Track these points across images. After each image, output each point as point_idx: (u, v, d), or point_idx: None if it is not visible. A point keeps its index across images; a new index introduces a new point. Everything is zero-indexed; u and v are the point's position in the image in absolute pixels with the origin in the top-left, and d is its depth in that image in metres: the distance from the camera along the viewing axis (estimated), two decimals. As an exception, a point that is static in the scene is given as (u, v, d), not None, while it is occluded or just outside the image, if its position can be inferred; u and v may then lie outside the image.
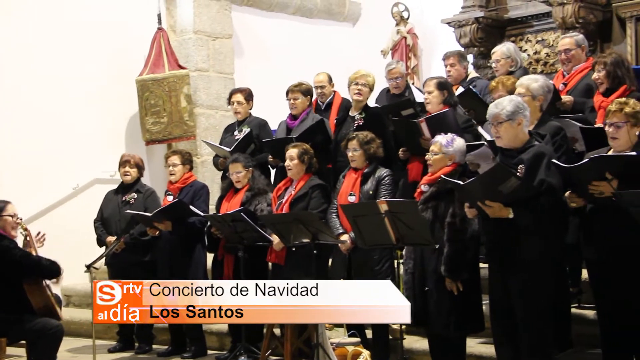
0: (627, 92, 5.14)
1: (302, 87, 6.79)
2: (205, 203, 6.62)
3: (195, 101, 8.92)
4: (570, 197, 4.50)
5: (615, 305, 4.47)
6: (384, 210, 4.90)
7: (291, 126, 6.77)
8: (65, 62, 8.25)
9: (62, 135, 8.17)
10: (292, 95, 6.80)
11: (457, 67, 7.10)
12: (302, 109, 6.78)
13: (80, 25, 8.36)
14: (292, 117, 6.84)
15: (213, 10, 9.22)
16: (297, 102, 6.77)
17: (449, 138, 5.18)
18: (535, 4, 8.42)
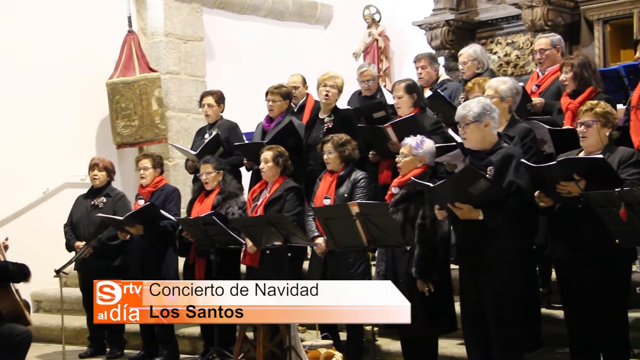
0: (593, 94, 5.19)
1: (282, 89, 6.77)
2: (177, 206, 6.59)
3: (166, 104, 8.88)
4: (539, 197, 4.54)
5: (583, 305, 4.52)
6: (355, 213, 4.91)
7: (267, 129, 6.76)
8: (34, 65, 8.17)
9: (32, 138, 8.09)
10: (271, 97, 6.78)
11: (428, 70, 7.13)
12: (279, 111, 6.75)
13: (50, 28, 8.29)
14: (269, 119, 6.84)
15: (184, 13, 9.18)
16: (275, 104, 6.76)
17: (418, 140, 5.19)
18: (505, 7, 8.51)
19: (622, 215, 3.96)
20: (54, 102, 8.29)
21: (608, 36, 7.67)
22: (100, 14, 8.66)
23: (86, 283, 6.73)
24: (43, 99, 8.22)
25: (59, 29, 8.35)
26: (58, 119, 8.30)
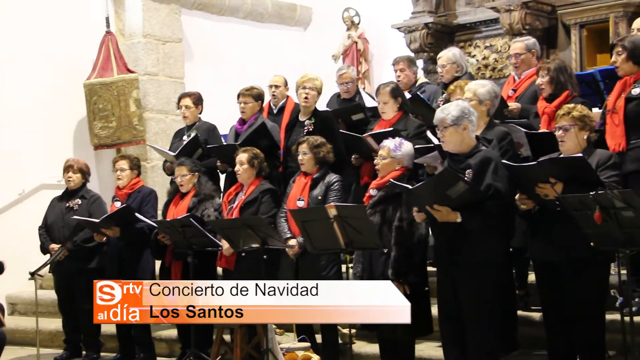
0: (569, 97, 5.23)
1: (253, 91, 6.78)
2: (154, 208, 6.56)
3: (144, 105, 8.83)
4: (521, 199, 4.56)
5: (562, 307, 4.54)
6: (332, 215, 4.91)
7: (239, 131, 6.76)
8: (11, 66, 8.10)
9: (8, 139, 8.01)
10: (242, 99, 6.78)
11: (406, 72, 7.16)
12: (252, 113, 6.75)
13: (26, 28, 8.22)
14: (242, 121, 6.82)
15: (162, 14, 9.14)
16: (247, 106, 6.76)
17: (397, 142, 5.21)
18: (484, 10, 8.55)
19: (596, 218, 3.99)
20: (31, 102, 8.22)
21: (584, 40, 7.73)
22: (77, 14, 8.60)
23: (61, 285, 6.69)
24: (20, 100, 8.14)
25: (36, 30, 8.28)
26: (35, 119, 8.22)
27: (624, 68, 5.11)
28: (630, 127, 5.03)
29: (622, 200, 3.88)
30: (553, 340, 4.64)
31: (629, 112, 5.03)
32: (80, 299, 6.50)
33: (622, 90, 5.10)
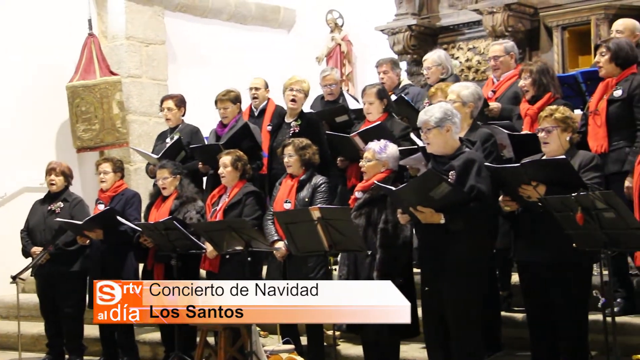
0: (551, 99, 5.25)
1: (230, 95, 6.80)
2: (137, 211, 6.54)
3: (127, 108, 8.80)
4: (504, 201, 4.58)
5: (545, 308, 4.57)
6: (316, 217, 4.91)
7: (220, 134, 6.78)
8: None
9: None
10: (221, 104, 6.81)
11: (390, 75, 7.18)
12: (233, 117, 6.79)
13: (8, 30, 8.18)
14: (222, 125, 6.83)
15: (146, 16, 9.11)
16: (227, 111, 6.80)
17: (382, 145, 5.23)
18: (467, 12, 8.58)
19: (578, 219, 4.01)
20: (13, 105, 8.18)
21: (567, 42, 7.76)
22: (60, 16, 8.56)
23: (44, 289, 6.64)
24: (2, 102, 8.10)
25: (18, 32, 8.24)
26: (17, 122, 8.18)
27: (607, 69, 5.15)
28: (612, 129, 5.07)
29: (603, 201, 3.90)
30: (536, 340, 4.66)
31: (611, 114, 5.07)
32: (62, 303, 6.47)
33: (605, 92, 5.14)
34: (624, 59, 5.10)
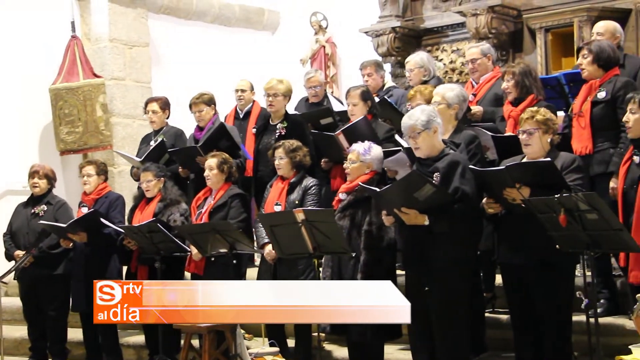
0: (534, 101, 5.27)
1: (204, 97, 6.83)
2: (121, 214, 6.51)
3: (111, 110, 8.77)
4: (488, 204, 4.59)
5: (528, 309, 4.58)
6: (300, 220, 4.91)
7: (198, 137, 6.78)
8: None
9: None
10: (195, 108, 6.84)
11: (374, 77, 7.19)
12: (208, 119, 6.79)
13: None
14: (199, 128, 6.82)
15: (129, 18, 9.08)
16: (203, 113, 6.81)
17: (366, 146, 5.24)
18: (450, 15, 8.60)
19: (561, 221, 4.03)
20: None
21: (550, 44, 7.79)
22: (43, 19, 8.51)
23: (27, 292, 6.61)
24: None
25: (1, 34, 8.17)
26: (0, 124, 8.11)
27: (589, 71, 5.18)
28: (596, 130, 5.10)
29: (586, 203, 3.92)
30: (520, 342, 4.68)
31: (595, 116, 5.10)
32: (46, 306, 6.44)
33: (588, 94, 5.17)
34: (606, 60, 5.14)
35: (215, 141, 6.37)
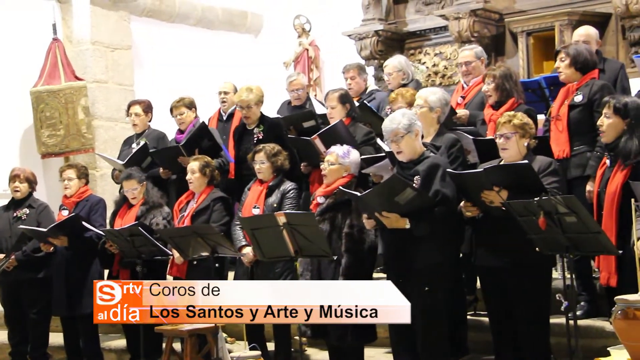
0: (515, 104, 5.29)
1: (185, 101, 6.84)
2: (102, 217, 6.47)
3: (93, 113, 8.74)
4: (466, 207, 4.61)
5: (507, 312, 4.60)
6: (282, 223, 4.90)
7: (179, 140, 6.75)
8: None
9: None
10: (176, 111, 6.84)
11: (357, 80, 7.19)
12: (189, 122, 6.79)
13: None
14: (180, 131, 6.82)
15: (111, 21, 9.05)
16: (184, 116, 6.80)
17: (345, 149, 5.25)
18: (433, 18, 8.65)
19: (541, 224, 4.05)
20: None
21: (531, 48, 7.85)
22: (24, 21, 8.47)
23: (8, 296, 6.56)
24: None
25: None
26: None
27: (567, 74, 5.21)
28: (573, 134, 5.13)
29: (565, 206, 3.94)
30: (499, 344, 4.70)
31: (572, 119, 5.13)
32: (28, 309, 6.39)
33: (566, 98, 5.20)
34: (583, 64, 5.17)
35: (197, 140, 6.37)
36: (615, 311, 3.78)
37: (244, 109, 6.46)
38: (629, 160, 4.34)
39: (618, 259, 4.36)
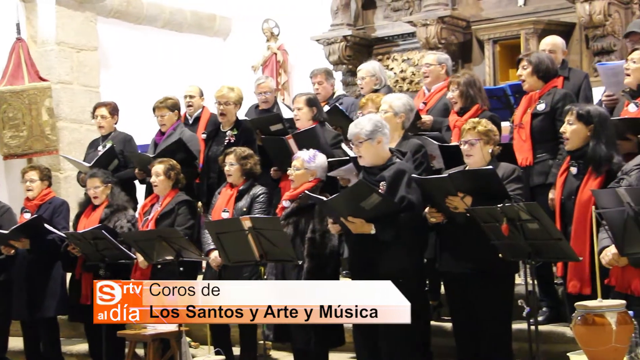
0: (479, 111, 5.34)
1: (167, 102, 6.74)
2: (65, 220, 6.41)
3: (58, 114, 8.64)
4: (430, 213, 4.63)
5: (470, 317, 4.62)
6: (247, 227, 4.89)
7: (158, 142, 6.70)
8: None
9: None
10: (158, 112, 6.75)
11: (324, 85, 7.21)
12: (170, 124, 6.73)
13: None
14: (161, 132, 6.76)
15: (77, 22, 8.96)
16: (165, 118, 6.73)
17: (311, 154, 5.26)
18: (401, 24, 8.70)
19: (504, 230, 4.08)
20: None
21: (498, 55, 7.93)
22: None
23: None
24: None
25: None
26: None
27: (529, 82, 5.27)
28: (536, 142, 5.17)
29: (527, 212, 3.97)
30: (462, 350, 4.72)
31: (535, 127, 5.18)
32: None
33: (529, 106, 5.25)
34: (545, 72, 5.23)
35: (171, 154, 6.30)
36: (575, 317, 3.82)
37: (222, 104, 6.42)
38: (600, 166, 4.38)
39: (591, 268, 4.39)
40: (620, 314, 3.74)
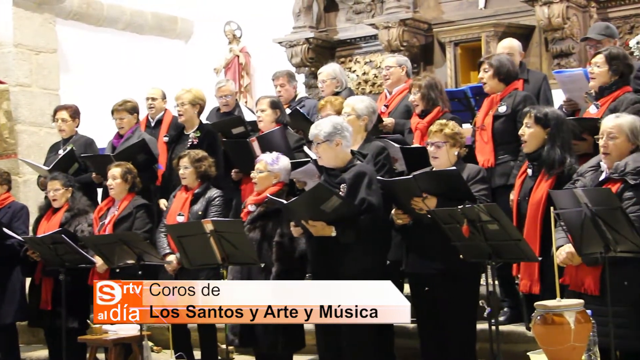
0: (440, 113, 5.38)
1: (127, 105, 6.69)
2: (25, 224, 6.33)
3: (16, 118, 8.50)
4: (397, 214, 4.65)
5: (434, 318, 4.65)
6: (209, 230, 4.86)
7: (116, 145, 6.64)
8: None
9: None
10: (117, 115, 6.69)
11: (286, 87, 7.19)
12: (129, 127, 6.67)
13: None
14: (119, 135, 6.70)
15: (35, 23, 8.82)
16: (124, 121, 6.68)
17: (274, 157, 5.25)
18: (363, 27, 8.73)
19: (464, 231, 4.11)
20: None
21: (459, 58, 8.00)
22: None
23: None
24: None
25: None
26: None
27: (491, 85, 5.32)
28: (497, 144, 5.23)
29: (487, 214, 4.00)
30: (426, 350, 4.74)
31: (497, 129, 5.23)
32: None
33: (490, 108, 5.31)
34: (506, 74, 5.29)
35: (132, 154, 6.25)
36: (534, 317, 3.86)
37: (178, 105, 6.40)
38: (553, 169, 4.44)
39: (540, 267, 4.45)
40: (578, 313, 3.79)
